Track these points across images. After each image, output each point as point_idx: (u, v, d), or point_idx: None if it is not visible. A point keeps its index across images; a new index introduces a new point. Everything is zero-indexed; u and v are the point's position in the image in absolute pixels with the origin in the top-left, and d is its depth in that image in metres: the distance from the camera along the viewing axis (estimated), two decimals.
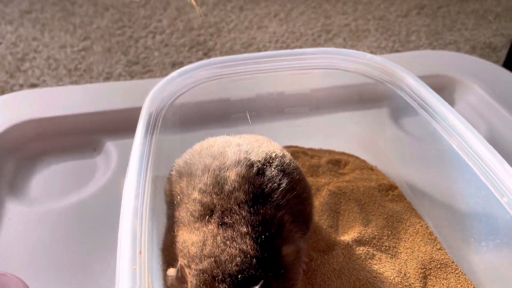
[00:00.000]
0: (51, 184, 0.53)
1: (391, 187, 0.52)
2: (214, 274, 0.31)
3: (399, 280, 0.42)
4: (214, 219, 0.34)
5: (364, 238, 0.46)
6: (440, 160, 0.47)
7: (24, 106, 0.60)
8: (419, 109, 0.47)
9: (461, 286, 0.41)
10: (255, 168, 0.37)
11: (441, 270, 0.43)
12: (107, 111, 0.60)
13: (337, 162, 0.56)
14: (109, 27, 0.92)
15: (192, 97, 0.49)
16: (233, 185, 0.35)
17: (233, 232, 0.33)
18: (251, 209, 0.34)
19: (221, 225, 0.33)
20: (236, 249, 0.32)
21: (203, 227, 0.34)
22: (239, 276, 0.31)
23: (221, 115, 0.57)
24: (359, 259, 0.44)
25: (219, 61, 0.50)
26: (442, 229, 0.47)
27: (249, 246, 0.32)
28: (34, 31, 0.89)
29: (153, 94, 0.45)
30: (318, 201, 0.50)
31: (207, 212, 0.34)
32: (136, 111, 0.44)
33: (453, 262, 0.43)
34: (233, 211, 0.34)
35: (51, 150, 0.57)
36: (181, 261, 0.33)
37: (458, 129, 0.42)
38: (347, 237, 0.45)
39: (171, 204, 0.39)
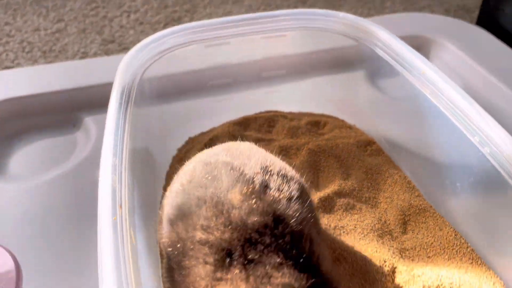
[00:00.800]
0: (31, 161, 0.53)
1: (370, 142, 0.53)
2: None
3: (379, 227, 0.43)
4: (236, 259, 0.27)
5: (344, 190, 0.47)
6: (415, 113, 0.48)
7: (0, 86, 0.59)
8: (391, 61, 0.48)
9: (439, 227, 0.43)
10: (257, 182, 0.30)
11: (419, 215, 0.44)
12: (85, 87, 0.60)
13: (316, 123, 0.57)
14: (82, 9, 0.91)
15: (165, 66, 0.49)
16: (242, 209, 0.29)
17: (265, 267, 0.26)
18: (275, 231, 0.28)
19: (246, 264, 0.27)
20: (278, 286, 0.26)
21: (226, 274, 0.27)
22: None
23: (196, 83, 0.57)
24: (340, 209, 0.45)
25: (191, 27, 0.49)
26: (419, 178, 0.48)
27: (290, 277, 0.26)
28: (6, 17, 0.88)
29: (125, 61, 0.45)
30: (299, 160, 0.50)
31: (221, 254, 0.28)
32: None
33: (431, 207, 0.45)
34: (254, 240, 0.27)
35: (30, 129, 0.57)
36: None
37: (430, 77, 0.43)
38: (327, 190, 0.46)
39: (171, 257, 0.31)
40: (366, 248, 0.40)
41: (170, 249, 0.31)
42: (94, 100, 0.59)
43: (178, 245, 0.30)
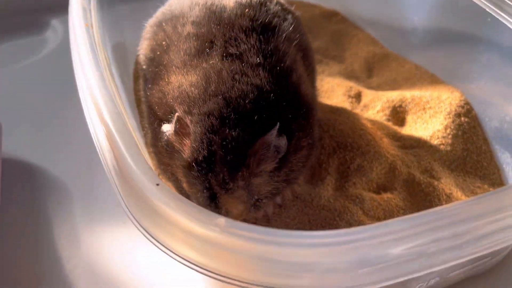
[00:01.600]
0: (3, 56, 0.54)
1: (334, 13, 0.55)
2: (223, 116, 0.24)
3: (346, 73, 0.45)
4: (216, 50, 0.27)
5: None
6: None
7: None
8: None
9: (401, 65, 0.45)
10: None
11: (383, 61, 0.47)
12: None
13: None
14: None
15: None
16: (234, 11, 0.29)
17: (242, 64, 0.26)
18: (261, 36, 0.28)
19: (225, 57, 0.27)
20: (248, 84, 0.25)
21: (202, 63, 0.27)
22: (254, 116, 0.24)
23: None
24: None
25: None
26: (382, 35, 0.50)
27: (263, 80, 0.26)
28: None
29: None
30: None
31: (206, 45, 0.28)
32: None
33: (393, 53, 0.47)
34: (239, 39, 0.28)
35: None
36: (179, 109, 0.26)
37: None
38: None
39: (153, 60, 0.31)
40: (333, 83, 0.42)
41: (151, 55, 0.32)
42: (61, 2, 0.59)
43: (164, 43, 0.30)
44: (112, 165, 0.23)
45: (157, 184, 0.20)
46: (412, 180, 0.32)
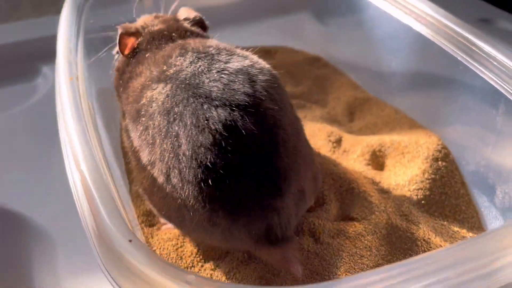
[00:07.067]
0: None
1: (317, 59, 0.57)
2: None
3: (328, 117, 0.46)
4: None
5: (296, 94, 0.50)
6: (356, 28, 0.52)
7: None
8: None
9: (381, 109, 0.46)
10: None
11: (364, 104, 0.48)
12: (40, 37, 0.62)
13: (267, 52, 0.60)
14: None
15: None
16: None
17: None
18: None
19: None
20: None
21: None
22: None
23: None
24: None
25: None
26: (363, 79, 0.52)
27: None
28: None
29: None
30: None
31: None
32: None
33: (374, 97, 0.48)
34: None
35: None
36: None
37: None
38: None
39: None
40: (315, 128, 0.43)
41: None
42: (50, 49, 0.61)
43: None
44: (88, 220, 0.23)
45: (130, 240, 0.21)
46: (390, 225, 0.33)
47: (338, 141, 0.41)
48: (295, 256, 0.27)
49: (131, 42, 0.35)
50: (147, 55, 0.32)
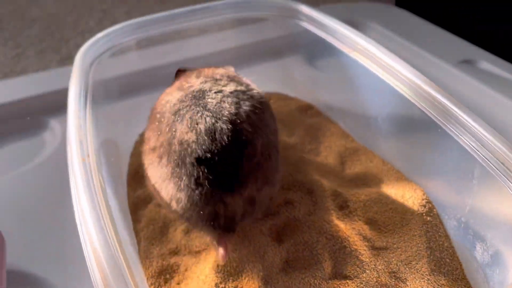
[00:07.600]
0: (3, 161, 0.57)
1: (309, 107, 0.60)
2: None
3: (322, 168, 0.49)
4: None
5: (289, 145, 0.53)
6: (348, 80, 0.55)
7: None
8: (320, 33, 0.54)
9: (370, 160, 0.49)
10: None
11: (354, 154, 0.51)
12: (47, 92, 0.65)
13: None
14: (39, 35, 0.96)
15: (113, 68, 0.54)
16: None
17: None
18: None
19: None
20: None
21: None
22: None
23: (148, 82, 0.62)
24: (287, 158, 0.51)
25: (129, 25, 0.54)
26: (353, 128, 0.55)
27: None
28: None
29: (82, 52, 0.51)
30: None
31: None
32: None
33: (363, 147, 0.52)
34: None
35: None
36: None
37: (359, 43, 0.50)
38: None
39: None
40: (310, 179, 0.46)
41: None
42: (57, 103, 0.64)
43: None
44: None
45: None
46: (380, 284, 0.36)
47: (333, 199, 0.44)
48: (226, 245, 0.35)
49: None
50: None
